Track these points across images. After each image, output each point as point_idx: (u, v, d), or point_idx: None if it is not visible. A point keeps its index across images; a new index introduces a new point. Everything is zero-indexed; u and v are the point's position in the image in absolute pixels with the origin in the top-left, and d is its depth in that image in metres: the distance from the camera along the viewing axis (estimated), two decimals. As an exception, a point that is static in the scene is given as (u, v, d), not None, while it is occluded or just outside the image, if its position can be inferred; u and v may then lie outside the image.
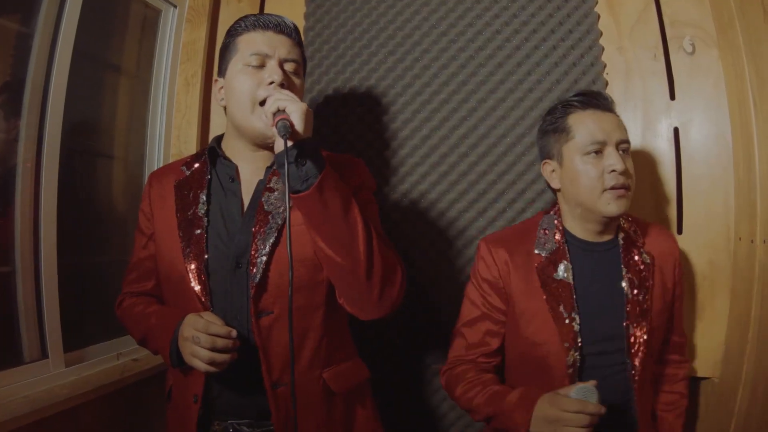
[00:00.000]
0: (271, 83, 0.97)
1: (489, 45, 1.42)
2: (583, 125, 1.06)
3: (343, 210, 0.90)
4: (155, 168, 1.54)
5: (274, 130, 0.87)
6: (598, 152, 1.04)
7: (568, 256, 1.08)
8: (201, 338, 0.87)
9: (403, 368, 1.43)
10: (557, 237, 1.10)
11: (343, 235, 0.90)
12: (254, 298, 0.95)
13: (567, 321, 1.04)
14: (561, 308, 1.05)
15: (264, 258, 0.95)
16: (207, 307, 0.96)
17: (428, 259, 1.41)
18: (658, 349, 1.14)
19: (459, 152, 1.41)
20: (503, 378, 1.17)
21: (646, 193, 1.39)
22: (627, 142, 1.07)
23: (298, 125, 0.87)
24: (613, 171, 1.02)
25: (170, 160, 1.57)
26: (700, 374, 1.32)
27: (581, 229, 1.11)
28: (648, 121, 1.40)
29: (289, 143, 0.86)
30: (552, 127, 1.12)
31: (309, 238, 0.93)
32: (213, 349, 0.87)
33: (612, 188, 1.02)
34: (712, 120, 1.36)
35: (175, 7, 1.61)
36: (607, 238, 1.11)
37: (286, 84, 0.99)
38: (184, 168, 1.09)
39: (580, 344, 1.04)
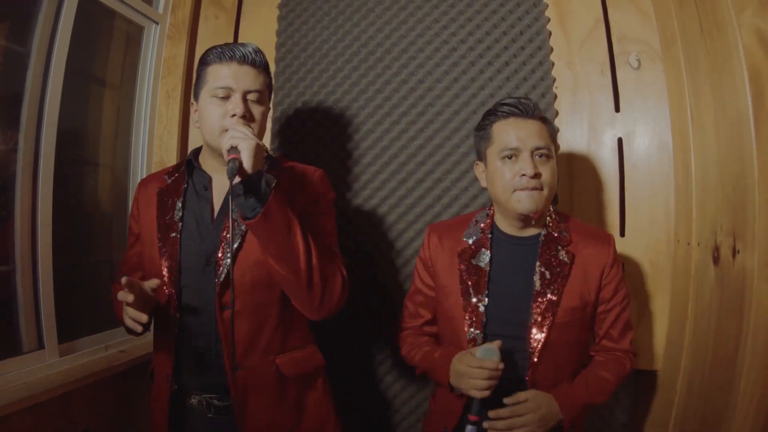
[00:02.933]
0: (233, 116, 1.09)
1: (446, 62, 1.50)
2: (504, 132, 1.15)
3: (286, 232, 1.02)
4: (139, 175, 1.67)
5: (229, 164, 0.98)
6: (512, 157, 1.13)
7: (488, 245, 1.19)
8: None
9: (360, 360, 1.54)
10: (484, 228, 1.21)
11: (286, 253, 1.03)
12: (219, 294, 1.09)
13: (474, 301, 1.15)
14: (471, 289, 1.16)
15: (229, 260, 1.08)
16: (174, 300, 1.11)
17: (388, 258, 1.52)
18: (573, 346, 1.17)
19: (416, 161, 1.51)
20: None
21: (591, 200, 1.46)
22: (544, 148, 1.13)
23: (247, 162, 0.97)
24: (524, 175, 1.11)
25: (153, 168, 1.68)
26: (645, 367, 1.40)
27: (506, 224, 1.20)
28: (594, 132, 1.47)
29: (238, 179, 0.98)
30: (480, 133, 1.22)
31: None
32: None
33: (523, 189, 1.11)
34: (654, 131, 1.42)
35: (157, 24, 1.69)
36: (531, 233, 1.19)
37: (247, 115, 1.10)
38: (166, 177, 1.22)
39: (484, 323, 1.14)
